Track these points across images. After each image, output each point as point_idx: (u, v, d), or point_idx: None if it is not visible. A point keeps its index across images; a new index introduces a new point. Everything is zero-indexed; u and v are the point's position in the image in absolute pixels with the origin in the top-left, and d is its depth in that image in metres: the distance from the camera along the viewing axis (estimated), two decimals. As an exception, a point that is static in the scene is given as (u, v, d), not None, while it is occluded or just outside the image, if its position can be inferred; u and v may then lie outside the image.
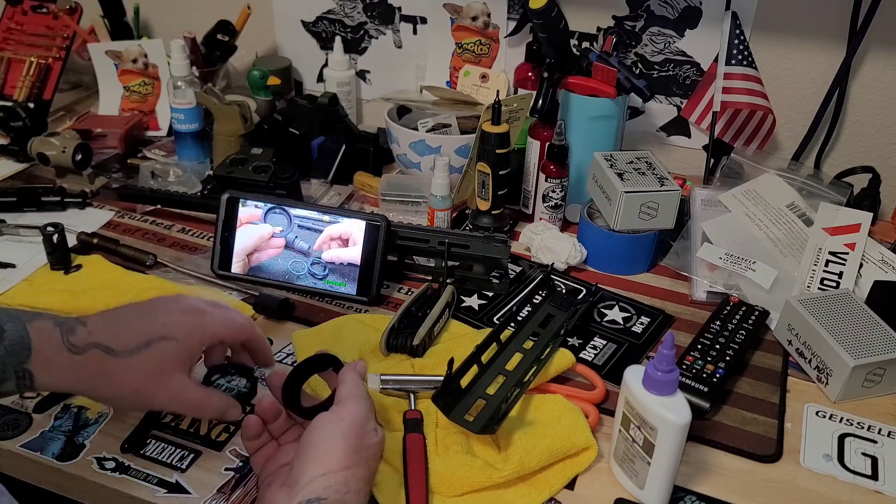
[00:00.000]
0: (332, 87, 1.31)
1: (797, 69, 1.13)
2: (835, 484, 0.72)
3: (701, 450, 0.75)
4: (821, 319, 0.84)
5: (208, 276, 0.96)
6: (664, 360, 0.63)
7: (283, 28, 1.39)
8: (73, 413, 0.76)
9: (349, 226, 0.92)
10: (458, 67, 1.29)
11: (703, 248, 0.97)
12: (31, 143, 1.14)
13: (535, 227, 1.05)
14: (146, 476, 0.70)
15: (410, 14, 1.29)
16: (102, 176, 1.17)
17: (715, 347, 0.84)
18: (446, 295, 0.89)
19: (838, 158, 1.17)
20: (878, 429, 0.79)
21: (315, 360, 0.68)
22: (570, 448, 0.71)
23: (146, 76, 1.32)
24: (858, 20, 1.06)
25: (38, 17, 1.34)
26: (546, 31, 1.00)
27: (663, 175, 0.99)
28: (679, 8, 1.14)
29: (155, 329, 0.65)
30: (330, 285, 0.93)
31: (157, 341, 0.65)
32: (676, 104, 1.21)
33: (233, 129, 1.14)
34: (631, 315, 0.93)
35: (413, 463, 0.69)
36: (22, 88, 1.30)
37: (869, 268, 0.93)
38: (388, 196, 1.10)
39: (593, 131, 1.06)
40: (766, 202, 1.00)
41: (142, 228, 1.07)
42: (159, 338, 0.65)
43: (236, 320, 0.71)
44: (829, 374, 0.82)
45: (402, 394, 0.77)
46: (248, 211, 0.93)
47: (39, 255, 0.97)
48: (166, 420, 0.75)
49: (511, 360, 0.80)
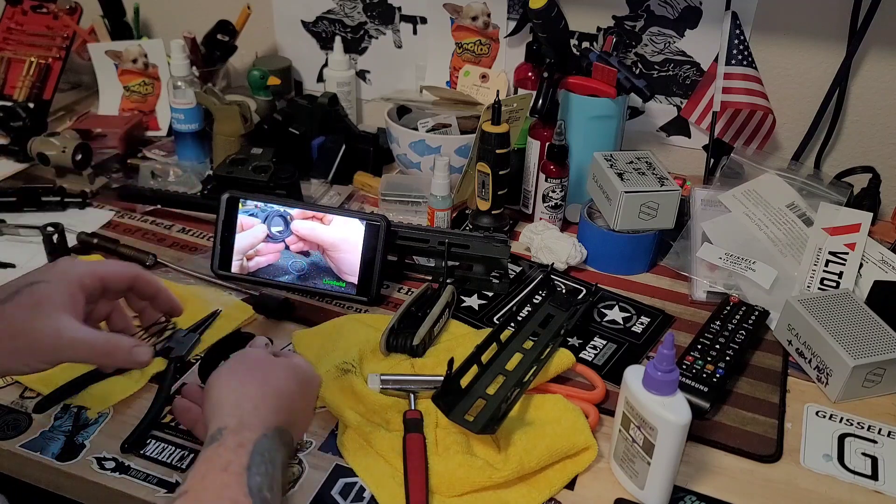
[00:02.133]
0: (332, 87, 1.31)
1: (797, 69, 1.13)
2: (835, 484, 0.72)
3: (701, 450, 0.75)
4: (821, 319, 0.84)
5: (208, 276, 0.96)
6: (664, 360, 0.63)
7: (283, 28, 1.39)
8: (73, 413, 0.76)
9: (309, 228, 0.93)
10: (458, 67, 1.29)
11: (703, 248, 0.97)
12: (31, 143, 1.14)
13: (535, 227, 1.05)
14: (146, 476, 0.70)
15: (410, 14, 1.29)
16: (102, 176, 1.17)
17: (715, 347, 0.84)
18: (446, 295, 0.89)
19: (838, 158, 1.17)
20: (878, 429, 0.79)
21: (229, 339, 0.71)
22: (570, 448, 0.71)
23: (146, 76, 1.32)
24: (858, 20, 1.06)
25: (38, 17, 1.34)
26: (546, 31, 1.00)
27: (663, 175, 0.99)
28: (679, 8, 1.14)
29: (25, 279, 0.65)
30: (330, 285, 0.93)
31: (27, 286, 0.64)
32: (676, 104, 1.21)
33: (233, 129, 1.14)
34: (631, 315, 0.93)
35: (413, 463, 0.69)
36: (22, 88, 1.30)
37: (869, 268, 0.93)
38: (388, 196, 1.10)
39: (593, 131, 1.06)
40: (766, 202, 1.00)
41: (142, 228, 1.07)
42: (28, 283, 0.64)
43: (112, 263, 0.71)
44: (829, 374, 0.82)
45: (402, 394, 0.77)
46: (248, 213, 0.93)
47: (39, 255, 0.97)
48: (166, 420, 0.75)
49: (511, 360, 0.80)
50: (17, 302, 0.62)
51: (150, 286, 0.71)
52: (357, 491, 0.69)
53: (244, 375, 0.63)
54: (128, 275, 0.70)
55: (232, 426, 0.58)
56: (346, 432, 0.74)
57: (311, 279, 0.93)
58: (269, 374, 0.64)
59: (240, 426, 0.58)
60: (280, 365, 0.66)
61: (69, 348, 0.63)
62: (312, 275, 0.93)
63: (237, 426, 0.58)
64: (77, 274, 0.66)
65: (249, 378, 0.63)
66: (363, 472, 0.70)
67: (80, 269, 0.66)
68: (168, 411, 0.76)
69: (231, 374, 0.64)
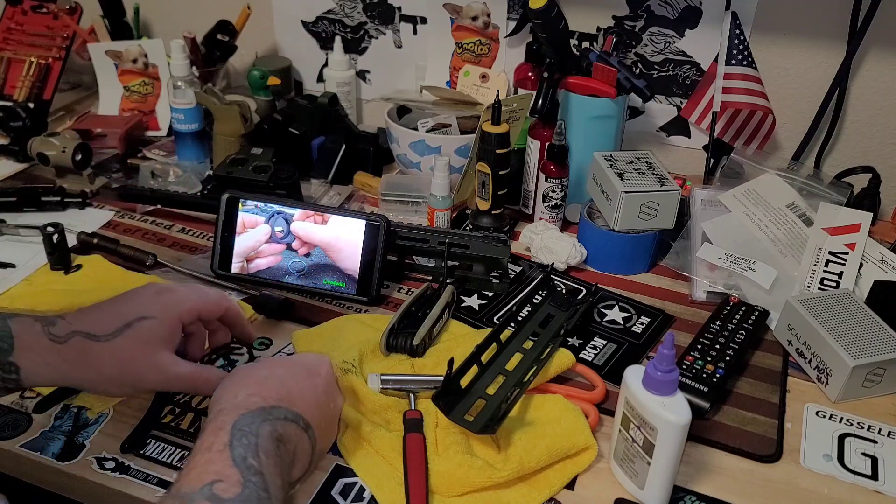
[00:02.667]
0: (332, 87, 1.31)
1: (797, 69, 1.13)
2: (835, 484, 0.72)
3: (701, 450, 0.75)
4: (821, 319, 0.84)
5: (208, 276, 0.95)
6: (664, 360, 0.63)
7: (283, 28, 1.39)
8: (73, 413, 0.76)
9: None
10: (458, 67, 1.29)
11: (703, 248, 0.97)
12: (31, 143, 1.14)
13: (535, 227, 1.05)
14: (146, 476, 0.70)
15: (410, 14, 1.29)
16: (102, 176, 1.17)
17: (715, 347, 0.84)
18: (446, 295, 0.89)
19: (838, 158, 1.17)
20: (878, 429, 0.79)
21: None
22: (570, 448, 0.71)
23: (146, 76, 1.32)
24: (858, 20, 1.06)
25: (38, 17, 1.34)
26: (546, 31, 1.00)
27: (663, 175, 0.99)
28: (679, 8, 1.14)
29: (132, 311, 0.68)
30: (330, 285, 0.93)
31: (136, 321, 0.67)
32: (676, 104, 1.21)
33: (233, 129, 1.14)
34: (631, 315, 0.93)
35: (413, 463, 0.69)
36: (22, 88, 1.31)
37: (869, 268, 0.93)
38: (388, 196, 1.10)
39: (593, 131, 1.06)
40: (766, 202, 1.00)
41: (142, 228, 1.07)
42: (137, 318, 0.67)
43: (209, 294, 0.74)
44: (829, 374, 0.82)
45: (402, 394, 0.77)
46: (250, 216, 0.93)
47: (39, 255, 0.97)
48: (166, 420, 0.75)
49: (511, 360, 0.80)
50: (128, 336, 0.66)
51: (236, 317, 0.76)
52: (357, 491, 0.69)
53: (228, 379, 0.66)
54: (221, 308, 0.74)
55: (212, 417, 0.60)
56: (346, 432, 0.74)
57: (311, 279, 0.93)
58: (251, 368, 0.67)
59: (218, 413, 0.60)
60: (265, 360, 0.69)
61: (166, 382, 0.69)
62: (312, 275, 0.93)
63: (216, 415, 0.60)
64: (178, 311, 0.70)
65: (231, 378, 0.66)
66: (363, 472, 0.70)
67: (184, 305, 0.70)
68: (168, 411, 0.76)
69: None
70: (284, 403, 0.63)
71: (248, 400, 0.61)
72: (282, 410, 0.62)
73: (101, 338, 0.66)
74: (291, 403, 0.64)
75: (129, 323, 0.67)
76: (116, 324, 0.66)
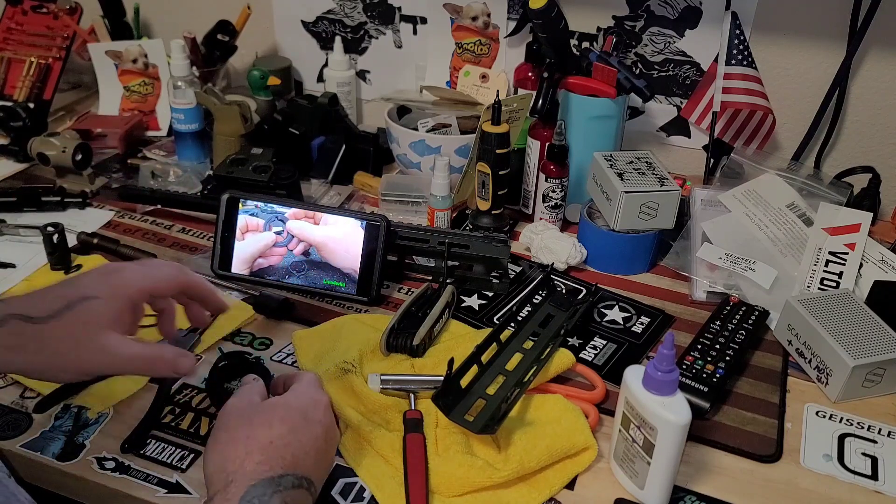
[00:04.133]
0: (332, 87, 1.31)
1: (797, 69, 1.13)
2: (835, 484, 0.72)
3: (701, 450, 0.75)
4: (821, 319, 0.84)
5: (208, 276, 0.95)
6: (664, 360, 0.63)
7: (283, 28, 1.39)
8: (73, 413, 0.76)
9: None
10: (458, 67, 1.29)
11: (703, 248, 0.97)
12: (31, 143, 1.14)
13: (535, 227, 1.05)
14: (146, 476, 0.70)
15: (410, 14, 1.30)
16: (102, 176, 1.17)
17: (715, 347, 0.84)
18: (446, 295, 0.89)
19: (838, 158, 1.17)
20: (878, 429, 0.79)
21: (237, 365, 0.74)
22: (570, 448, 0.71)
23: (146, 76, 1.32)
24: (858, 20, 1.06)
25: (38, 17, 1.34)
26: (546, 31, 1.00)
27: (663, 175, 0.99)
28: (679, 8, 1.14)
29: (75, 291, 0.64)
30: (330, 285, 0.93)
31: (78, 301, 0.63)
32: (676, 104, 1.21)
33: (233, 129, 1.14)
34: (631, 315, 0.93)
35: (413, 463, 0.69)
36: (22, 88, 1.31)
37: (869, 268, 0.93)
38: (388, 196, 1.10)
39: (593, 131, 1.06)
40: (766, 202, 1.00)
41: (142, 228, 1.07)
42: (80, 298, 0.63)
43: (163, 269, 0.70)
44: (829, 374, 0.82)
45: (402, 394, 0.77)
46: (250, 213, 0.93)
47: (39, 255, 0.97)
48: (166, 420, 0.75)
49: (511, 360, 0.80)
50: (67, 317, 0.62)
51: (201, 289, 0.73)
52: (357, 491, 0.69)
53: (229, 433, 0.62)
54: (176, 283, 0.70)
55: (220, 489, 0.58)
56: (347, 432, 0.74)
57: (311, 279, 0.93)
58: (254, 426, 0.62)
59: (226, 485, 0.58)
60: (266, 410, 0.64)
61: (114, 365, 0.65)
62: (312, 275, 0.93)
63: (224, 487, 0.58)
64: (127, 291, 0.65)
65: (233, 436, 0.62)
66: (363, 472, 0.70)
67: (133, 285, 0.66)
68: (168, 411, 0.76)
69: (215, 437, 0.63)
70: (291, 470, 0.60)
71: (256, 469, 0.59)
72: (289, 479, 0.60)
73: (39, 319, 0.61)
74: (296, 467, 0.61)
75: (69, 304, 0.62)
76: (56, 305, 0.62)
